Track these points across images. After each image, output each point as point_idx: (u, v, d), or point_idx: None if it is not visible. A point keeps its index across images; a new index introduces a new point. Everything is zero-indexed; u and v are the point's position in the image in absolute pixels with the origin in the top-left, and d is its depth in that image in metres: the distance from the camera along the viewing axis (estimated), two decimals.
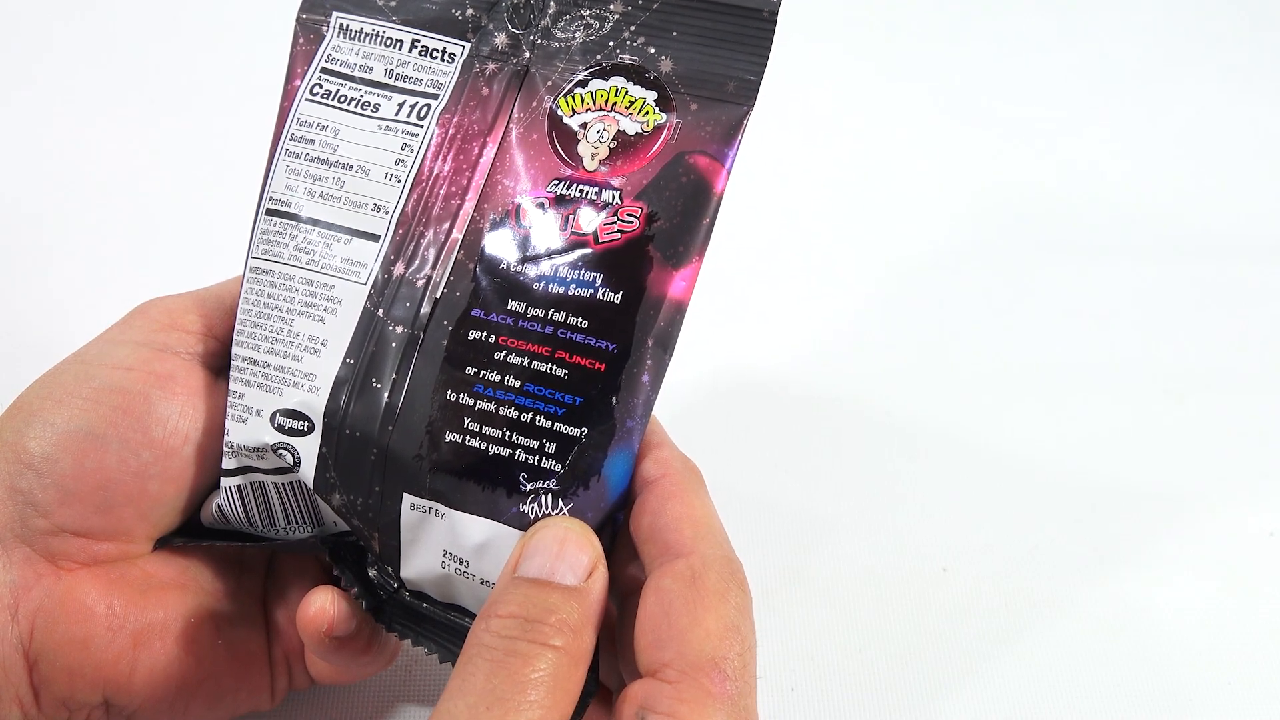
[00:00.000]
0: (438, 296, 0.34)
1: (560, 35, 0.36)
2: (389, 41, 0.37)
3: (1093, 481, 0.54)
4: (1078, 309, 0.64)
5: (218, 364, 0.37)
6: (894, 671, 0.45)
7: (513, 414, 0.32)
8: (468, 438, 0.32)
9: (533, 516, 0.32)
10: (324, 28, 0.37)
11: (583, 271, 0.33)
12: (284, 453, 0.34)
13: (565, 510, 0.32)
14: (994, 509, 0.52)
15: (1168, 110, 0.79)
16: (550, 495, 0.32)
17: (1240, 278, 0.66)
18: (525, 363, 0.33)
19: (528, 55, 0.36)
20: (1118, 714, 0.44)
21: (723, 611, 0.30)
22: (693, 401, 0.56)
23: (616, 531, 0.33)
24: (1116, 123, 0.78)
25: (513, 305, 0.33)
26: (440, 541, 0.33)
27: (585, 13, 0.36)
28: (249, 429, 0.35)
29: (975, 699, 0.44)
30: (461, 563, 0.33)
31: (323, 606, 0.34)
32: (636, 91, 0.35)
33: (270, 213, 0.36)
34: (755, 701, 0.30)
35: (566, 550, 0.31)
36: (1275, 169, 0.74)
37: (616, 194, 0.34)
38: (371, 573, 0.35)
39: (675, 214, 0.33)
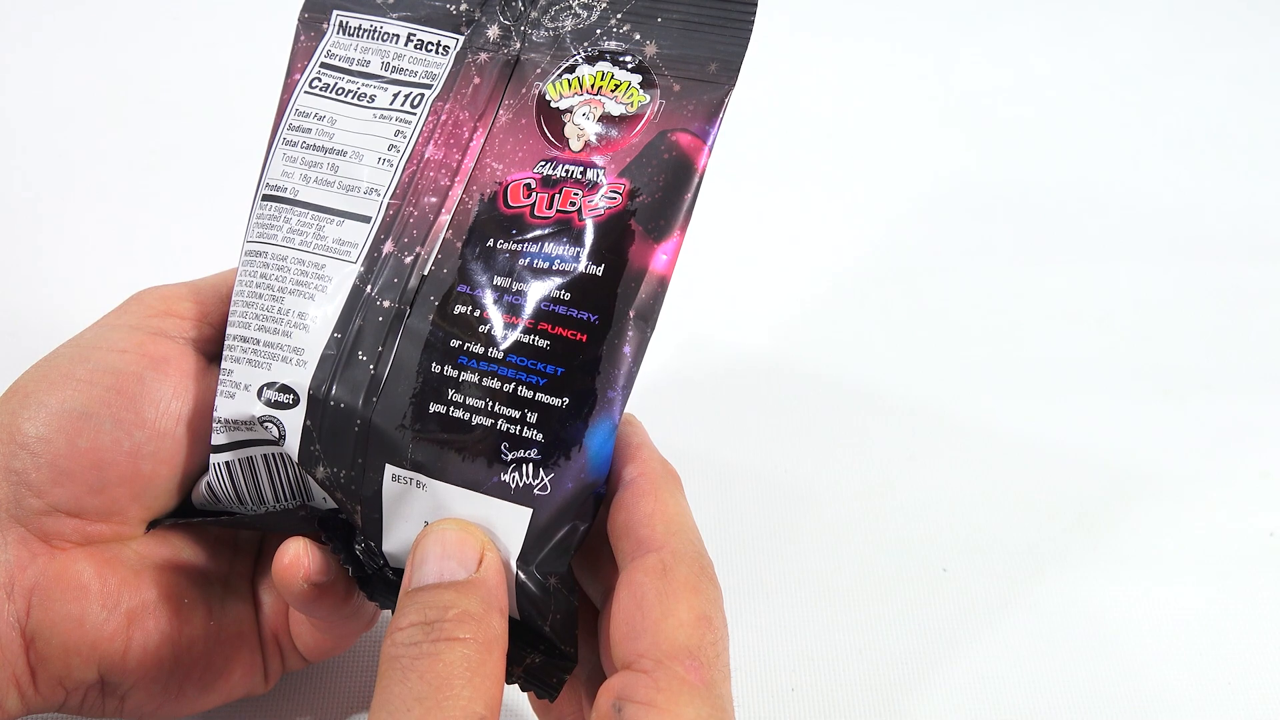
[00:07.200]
0: (425, 273, 0.34)
1: (550, 25, 0.37)
2: (386, 36, 0.38)
3: (1092, 481, 0.53)
4: (1078, 308, 0.64)
5: (212, 350, 0.38)
6: (894, 671, 0.45)
7: (495, 384, 0.33)
8: (450, 408, 0.33)
9: (514, 486, 0.32)
10: (324, 25, 0.39)
11: (566, 246, 0.34)
12: (270, 426, 0.34)
13: (547, 480, 0.32)
14: (994, 509, 0.52)
15: (1167, 108, 0.79)
16: (531, 465, 0.32)
17: (1240, 278, 0.66)
18: (508, 335, 0.33)
19: (518, 45, 0.37)
20: (1117, 714, 0.44)
21: (694, 602, 0.30)
22: (693, 399, 0.56)
23: (598, 503, 0.34)
24: (1116, 120, 0.78)
25: (498, 280, 0.34)
26: (422, 512, 0.33)
27: (574, 2, 0.37)
28: (236, 403, 0.35)
29: (974, 699, 0.44)
30: None
31: (297, 554, 0.34)
32: (621, 75, 0.36)
33: (266, 198, 0.37)
34: (730, 690, 0.30)
35: (449, 549, 0.31)
36: (1275, 169, 0.74)
37: (601, 172, 0.35)
38: (358, 549, 0.36)
39: (657, 189, 0.34)
